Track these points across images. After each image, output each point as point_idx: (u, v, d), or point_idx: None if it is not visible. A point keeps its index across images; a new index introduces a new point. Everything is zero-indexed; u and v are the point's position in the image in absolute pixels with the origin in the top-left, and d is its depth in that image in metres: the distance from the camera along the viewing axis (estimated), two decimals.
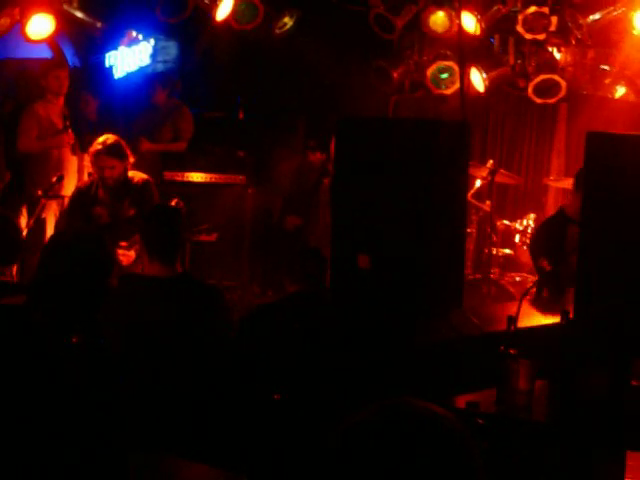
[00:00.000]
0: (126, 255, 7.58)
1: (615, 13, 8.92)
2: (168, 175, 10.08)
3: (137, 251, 7.58)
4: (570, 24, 9.05)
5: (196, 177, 10.09)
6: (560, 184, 9.53)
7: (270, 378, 4.70)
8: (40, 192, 7.66)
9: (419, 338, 5.13)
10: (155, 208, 5.79)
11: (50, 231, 8.82)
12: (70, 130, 9.09)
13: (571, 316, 5.07)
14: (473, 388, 4.77)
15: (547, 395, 4.59)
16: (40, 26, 8.37)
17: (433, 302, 5.34)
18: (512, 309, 5.38)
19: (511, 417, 4.52)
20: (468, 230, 9.27)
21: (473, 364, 4.96)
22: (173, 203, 7.67)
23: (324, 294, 5.55)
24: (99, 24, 9.31)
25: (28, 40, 8.45)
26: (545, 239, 7.48)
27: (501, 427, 4.49)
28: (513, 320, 4.67)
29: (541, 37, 9.18)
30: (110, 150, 7.84)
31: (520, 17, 9.00)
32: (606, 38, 9.29)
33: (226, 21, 9.39)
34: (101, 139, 7.91)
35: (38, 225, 8.26)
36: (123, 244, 7.57)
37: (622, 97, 9.68)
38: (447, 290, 5.48)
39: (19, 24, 8.45)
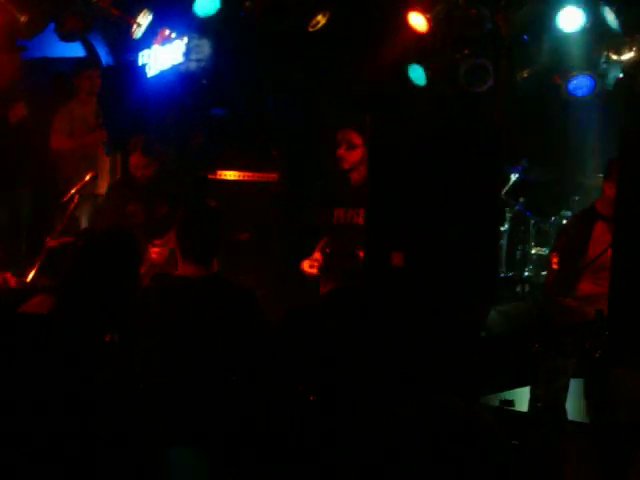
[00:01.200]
0: (160, 253, 7.59)
1: None
2: (202, 173, 10.10)
3: (171, 249, 7.60)
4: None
5: (230, 175, 10.10)
6: (594, 182, 9.46)
7: (305, 378, 4.69)
8: (74, 190, 7.69)
9: (454, 336, 5.11)
10: (190, 208, 5.75)
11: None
12: (103, 129, 9.14)
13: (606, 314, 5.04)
14: (508, 386, 4.75)
15: (583, 394, 4.55)
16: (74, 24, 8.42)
17: (467, 300, 5.31)
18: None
19: (545, 416, 4.49)
20: (502, 228, 9.25)
21: (506, 363, 4.94)
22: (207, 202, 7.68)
23: (359, 291, 5.53)
24: (133, 22, 9.33)
25: (63, 39, 8.50)
26: (565, 235, 7.48)
27: (535, 426, 4.46)
28: (547, 318, 4.64)
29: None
30: (144, 149, 7.88)
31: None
32: None
33: (258, 19, 9.40)
34: (134, 139, 7.96)
35: (72, 224, 8.30)
36: (157, 242, 7.58)
37: None
38: (481, 288, 5.46)
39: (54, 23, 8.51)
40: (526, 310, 5.72)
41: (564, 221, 9.15)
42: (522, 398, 4.55)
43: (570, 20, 9.02)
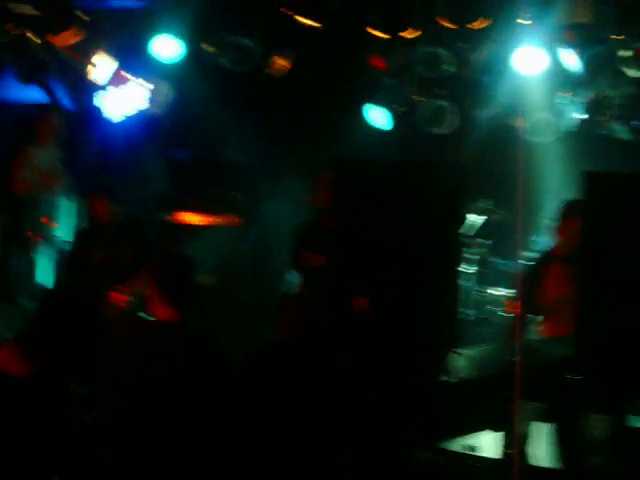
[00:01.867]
0: (123, 299, 7.52)
1: None
2: (165, 216, 10.05)
3: (133, 294, 7.55)
4: None
5: (190, 218, 10.05)
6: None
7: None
8: (30, 233, 7.64)
9: (418, 379, 5.07)
10: (169, 254, 5.97)
11: (39, 272, 8.79)
12: (62, 174, 9.10)
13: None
14: (471, 430, 4.72)
15: (549, 438, 4.53)
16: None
17: (430, 343, 5.29)
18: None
19: (512, 461, 4.46)
20: (469, 270, 9.25)
21: (472, 407, 4.91)
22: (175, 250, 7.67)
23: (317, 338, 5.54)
24: (88, 62, 9.28)
25: (21, 81, 8.45)
26: (525, 279, 7.51)
27: (502, 470, 4.44)
28: (513, 364, 4.61)
29: None
30: (107, 195, 7.86)
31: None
32: None
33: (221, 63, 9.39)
34: (97, 185, 7.94)
35: (27, 265, 8.24)
36: (120, 288, 7.51)
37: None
38: (443, 331, 5.44)
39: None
40: (492, 354, 5.70)
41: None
42: (486, 442, 4.53)
43: (529, 62, 9.05)
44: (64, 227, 8.87)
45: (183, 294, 5.43)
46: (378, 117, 9.93)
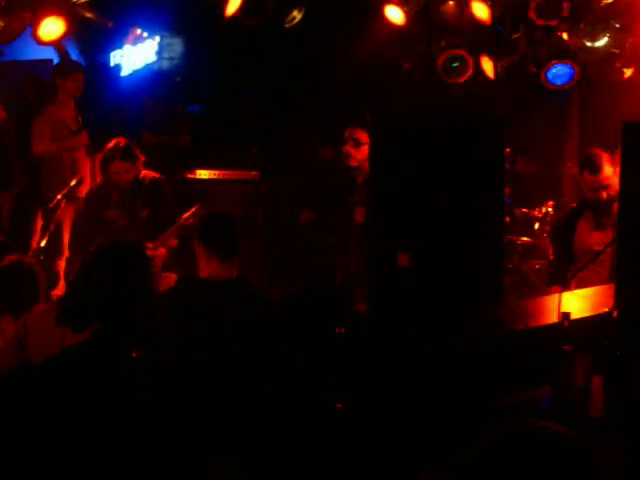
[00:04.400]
0: (157, 256, 7.51)
1: None
2: (180, 173, 10.03)
3: (167, 251, 7.57)
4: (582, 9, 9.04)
5: (209, 174, 10.03)
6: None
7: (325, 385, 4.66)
8: (60, 196, 7.60)
9: (465, 335, 5.07)
10: (211, 212, 6.04)
11: (66, 235, 8.77)
12: (85, 131, 9.06)
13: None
14: (524, 386, 4.73)
15: (604, 391, 4.55)
16: (52, 29, 8.29)
17: (475, 298, 5.29)
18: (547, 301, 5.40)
19: (566, 414, 4.49)
20: None
21: (523, 361, 4.92)
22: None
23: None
24: (107, 23, 9.22)
25: (40, 43, 8.36)
26: (556, 228, 7.61)
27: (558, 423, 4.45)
28: (566, 315, 4.63)
29: (553, 23, 9.15)
30: (124, 154, 7.78)
31: (532, 4, 8.97)
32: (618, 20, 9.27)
33: (234, 16, 9.32)
34: (112, 144, 7.84)
35: (58, 230, 8.22)
36: (149, 245, 7.50)
37: (631, 79, 9.67)
38: (489, 286, 5.44)
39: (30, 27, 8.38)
40: (538, 307, 5.70)
41: (549, 209, 9.18)
42: (540, 397, 4.55)
43: (545, 10, 9.03)
44: (86, 186, 8.83)
45: (234, 251, 5.46)
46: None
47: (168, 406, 3.82)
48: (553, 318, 4.89)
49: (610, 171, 6.83)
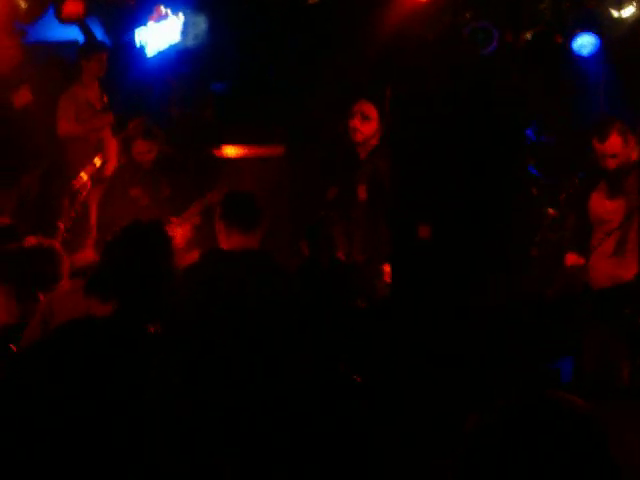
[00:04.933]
0: (180, 233, 7.53)
1: None
2: (206, 149, 10.02)
3: (191, 228, 7.59)
4: None
5: (234, 151, 10.01)
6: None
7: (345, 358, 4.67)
8: (86, 176, 7.63)
9: (490, 302, 5.06)
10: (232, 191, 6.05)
11: (93, 214, 8.82)
12: (110, 111, 9.08)
13: None
14: (547, 356, 4.72)
15: (630, 360, 4.53)
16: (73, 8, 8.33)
17: (502, 269, 5.27)
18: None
19: (592, 382, 4.47)
20: None
21: (546, 330, 4.91)
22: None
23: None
24: (129, 1, 9.21)
25: (62, 22, 8.40)
26: (573, 197, 7.58)
27: (582, 393, 4.44)
28: (588, 286, 4.61)
29: None
30: (146, 134, 7.84)
31: None
32: None
33: None
34: (133, 124, 7.90)
35: (84, 210, 8.26)
36: (174, 220, 7.52)
37: None
38: (516, 257, 5.42)
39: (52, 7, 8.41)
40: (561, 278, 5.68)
41: (576, 180, 9.10)
42: (563, 368, 4.54)
43: None
44: (112, 166, 8.87)
45: (254, 224, 5.47)
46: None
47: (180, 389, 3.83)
48: (576, 289, 4.87)
49: (618, 141, 6.76)
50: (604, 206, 6.89)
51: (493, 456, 2.05)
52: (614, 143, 6.76)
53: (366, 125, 7.54)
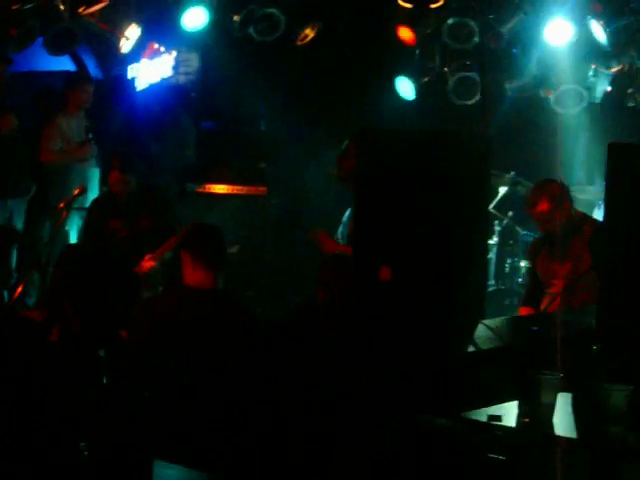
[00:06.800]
0: (147, 266, 7.59)
1: None
2: (189, 187, 10.11)
3: (154, 263, 7.65)
4: None
5: (217, 189, 10.09)
6: (582, 195, 9.48)
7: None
8: (62, 205, 7.69)
9: (441, 352, 5.09)
10: (199, 222, 6.27)
11: (70, 242, 8.88)
12: (93, 143, 9.17)
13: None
14: (496, 401, 4.74)
15: (571, 409, 4.55)
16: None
17: (456, 315, 5.29)
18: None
19: (533, 431, 4.49)
20: (490, 241, 9.26)
21: (495, 378, 4.94)
22: None
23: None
24: (121, 35, 9.31)
25: (50, 53, 8.49)
26: (529, 254, 7.69)
27: (522, 441, 4.46)
28: (536, 334, 4.65)
29: None
30: (121, 166, 7.92)
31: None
32: None
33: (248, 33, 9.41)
34: (113, 155, 8.02)
35: (60, 237, 8.31)
36: (149, 256, 7.60)
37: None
38: (470, 303, 5.44)
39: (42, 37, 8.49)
40: (516, 325, 5.72)
41: None
42: (510, 413, 4.55)
43: (559, 34, 9.05)
44: (94, 197, 8.94)
45: (220, 261, 5.52)
46: (406, 88, 9.95)
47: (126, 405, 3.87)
48: (523, 338, 4.92)
49: (546, 207, 6.83)
50: (547, 268, 6.97)
51: None
52: (542, 209, 6.83)
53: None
